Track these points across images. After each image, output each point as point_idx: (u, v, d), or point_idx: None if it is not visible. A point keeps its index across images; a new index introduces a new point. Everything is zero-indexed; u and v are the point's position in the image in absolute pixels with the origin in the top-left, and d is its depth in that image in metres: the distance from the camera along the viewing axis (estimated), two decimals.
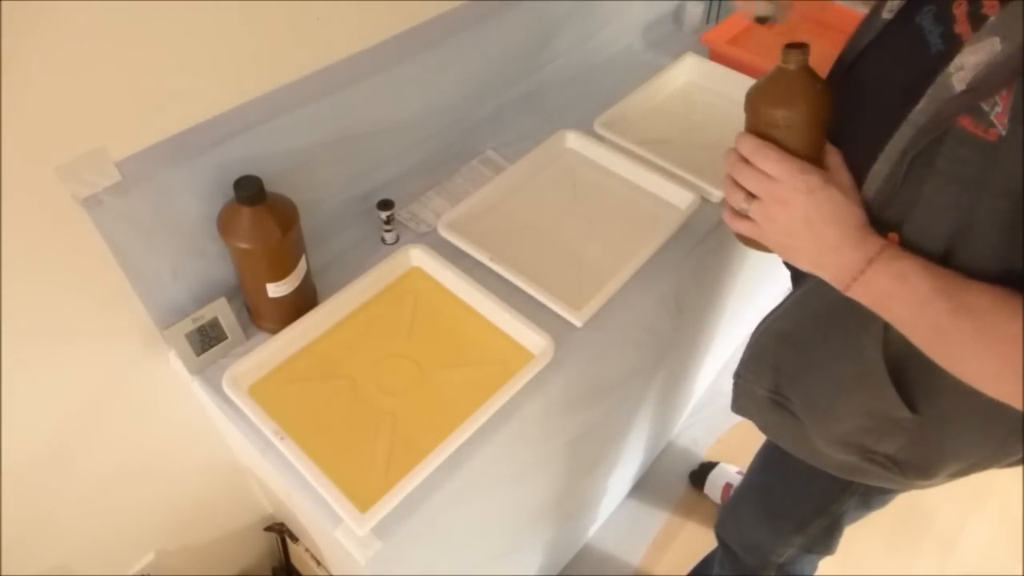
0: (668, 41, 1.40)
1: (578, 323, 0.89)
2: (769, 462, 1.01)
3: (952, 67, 0.49)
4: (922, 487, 0.76)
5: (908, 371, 0.63)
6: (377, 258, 0.95)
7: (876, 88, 0.63)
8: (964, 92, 0.48)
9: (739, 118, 0.64)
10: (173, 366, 0.87)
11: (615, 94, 1.19)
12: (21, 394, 0.77)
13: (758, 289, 1.56)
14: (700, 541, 1.56)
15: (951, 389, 0.58)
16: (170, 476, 1.03)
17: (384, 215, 0.95)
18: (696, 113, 1.23)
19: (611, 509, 1.61)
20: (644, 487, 1.66)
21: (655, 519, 1.62)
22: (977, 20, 0.50)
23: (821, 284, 0.61)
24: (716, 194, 1.04)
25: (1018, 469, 0.72)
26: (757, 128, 0.61)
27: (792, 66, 0.58)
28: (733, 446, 1.75)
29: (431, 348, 0.88)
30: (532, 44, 1.14)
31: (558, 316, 0.90)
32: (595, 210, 1.05)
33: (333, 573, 1.13)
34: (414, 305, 0.93)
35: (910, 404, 0.64)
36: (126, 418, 0.90)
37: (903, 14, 0.62)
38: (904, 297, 0.54)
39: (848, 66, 0.68)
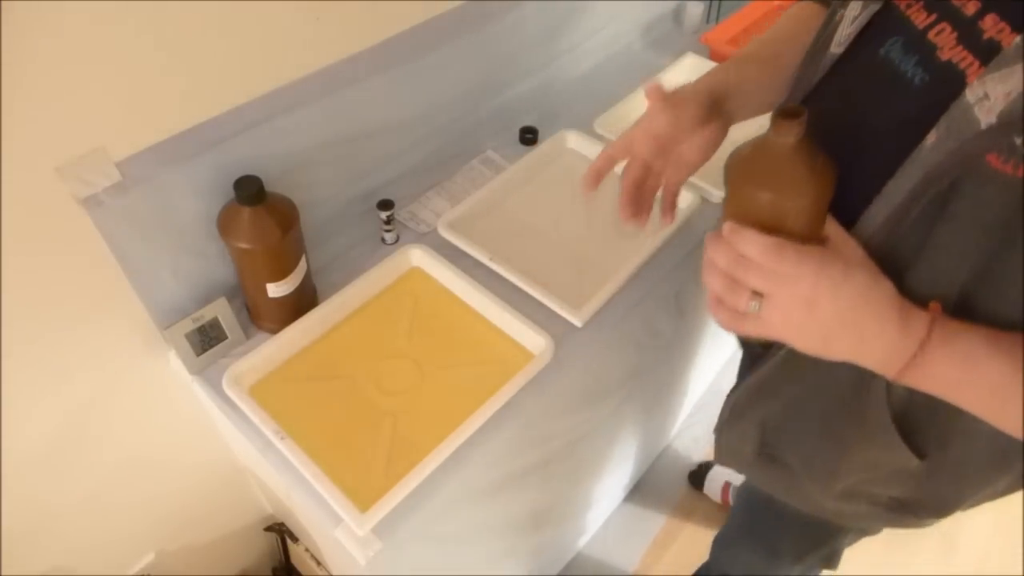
0: (668, 41, 1.40)
1: (578, 323, 0.89)
2: (758, 502, 0.94)
3: (970, 96, 0.43)
4: (933, 524, 0.71)
5: (916, 420, 0.57)
6: (377, 258, 0.95)
7: (849, 128, 0.55)
8: (998, 126, 0.42)
9: None
10: (173, 366, 0.87)
11: (615, 94, 1.19)
12: (21, 394, 0.77)
13: None
14: (700, 541, 1.55)
15: (964, 432, 0.55)
16: (170, 476, 1.03)
17: (384, 215, 0.95)
18: None
19: (611, 509, 1.61)
20: (644, 487, 1.66)
21: (655, 519, 1.62)
22: (978, 46, 0.45)
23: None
24: (716, 194, 1.04)
25: None
26: (752, 215, 0.51)
27: (792, 139, 0.48)
28: None
29: (431, 348, 0.88)
30: (532, 44, 1.14)
31: (558, 316, 0.90)
32: (595, 210, 1.05)
33: (333, 573, 1.13)
34: (414, 305, 0.93)
35: (920, 452, 0.59)
36: (126, 418, 0.90)
37: (858, 47, 0.55)
38: (979, 383, 0.47)
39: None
